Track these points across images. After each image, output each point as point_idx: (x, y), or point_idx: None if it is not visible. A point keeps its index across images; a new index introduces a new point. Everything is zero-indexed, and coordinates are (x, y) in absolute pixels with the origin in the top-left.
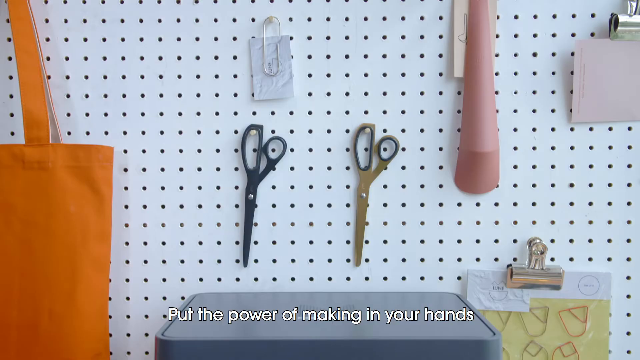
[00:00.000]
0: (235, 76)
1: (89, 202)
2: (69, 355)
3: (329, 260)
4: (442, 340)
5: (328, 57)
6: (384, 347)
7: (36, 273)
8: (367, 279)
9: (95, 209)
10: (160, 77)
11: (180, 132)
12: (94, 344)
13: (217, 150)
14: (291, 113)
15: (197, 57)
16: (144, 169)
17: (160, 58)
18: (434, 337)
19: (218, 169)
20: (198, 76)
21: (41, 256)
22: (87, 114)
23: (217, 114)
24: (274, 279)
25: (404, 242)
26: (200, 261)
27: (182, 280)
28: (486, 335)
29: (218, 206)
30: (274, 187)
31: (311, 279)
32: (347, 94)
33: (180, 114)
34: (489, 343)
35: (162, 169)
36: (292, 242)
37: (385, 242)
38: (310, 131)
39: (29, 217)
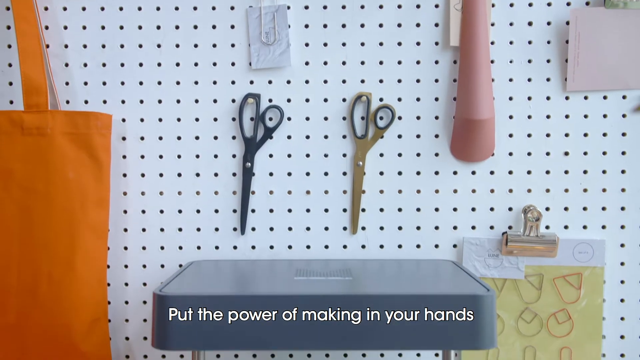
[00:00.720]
0: (232, 45)
1: (88, 168)
2: (68, 320)
3: (326, 228)
4: (437, 295)
5: (325, 26)
6: (379, 302)
7: (35, 238)
8: (363, 246)
9: (93, 175)
10: (159, 46)
11: (178, 101)
12: (92, 309)
13: (215, 119)
14: (288, 82)
15: (195, 27)
16: (142, 138)
17: (159, 27)
18: (428, 292)
19: (216, 138)
20: (196, 45)
21: (40, 222)
22: (85, 83)
23: (214, 82)
24: (271, 247)
25: (400, 210)
26: (198, 229)
27: (180, 248)
28: (480, 291)
29: (216, 174)
30: (271, 155)
31: (308, 246)
32: (343, 63)
33: (178, 83)
34: (484, 298)
35: (160, 138)
36: (289, 210)
37: (381, 210)
38: (307, 100)
39: (28, 183)
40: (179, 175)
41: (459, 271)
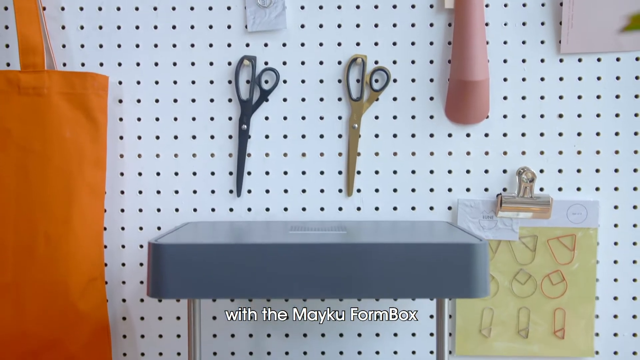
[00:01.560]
0: (228, 8)
1: (84, 128)
2: (65, 278)
3: (322, 191)
4: (431, 243)
5: None
6: (373, 250)
7: (32, 197)
8: (358, 209)
9: (90, 136)
10: (155, 9)
11: (175, 64)
12: (89, 268)
13: (211, 82)
14: (284, 45)
15: None
16: (138, 100)
17: None
18: (423, 241)
19: (212, 100)
20: (192, 8)
21: (37, 180)
22: (82, 46)
23: (210, 45)
24: (267, 209)
25: (395, 172)
26: (195, 191)
27: (177, 210)
28: (474, 241)
29: (212, 137)
30: (267, 118)
31: (304, 209)
32: (339, 25)
33: (174, 45)
34: (477, 246)
35: (157, 100)
36: (285, 173)
37: (376, 172)
38: (302, 63)
39: (25, 142)
40: (175, 137)
41: (453, 229)
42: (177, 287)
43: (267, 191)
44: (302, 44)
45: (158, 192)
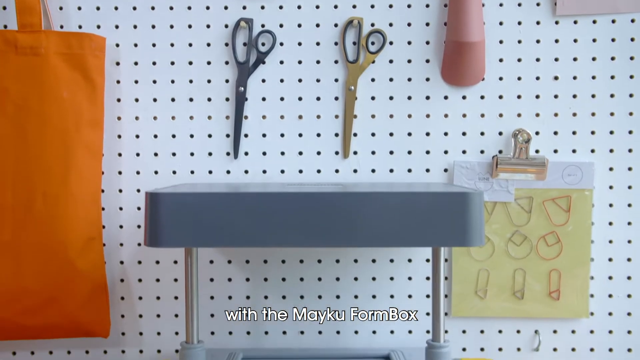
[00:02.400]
0: None
1: (82, 89)
2: (63, 237)
3: (318, 153)
4: (428, 192)
5: None
6: (370, 199)
7: (30, 156)
8: (355, 171)
9: (87, 96)
10: None
11: (172, 26)
12: (87, 228)
13: (208, 44)
14: (280, 7)
15: None
16: (135, 63)
17: None
18: (420, 190)
19: (209, 63)
20: None
21: (35, 140)
22: (79, 8)
23: (207, 8)
24: (264, 171)
25: (391, 134)
26: (192, 154)
27: (174, 172)
28: (469, 190)
29: (209, 99)
30: (263, 80)
31: (300, 171)
32: None
33: (171, 8)
34: (472, 195)
35: (154, 63)
36: (282, 135)
37: (373, 134)
38: (299, 25)
39: (22, 102)
40: (173, 100)
41: (449, 186)
42: (174, 235)
43: (264, 153)
44: (299, 7)
45: (155, 154)
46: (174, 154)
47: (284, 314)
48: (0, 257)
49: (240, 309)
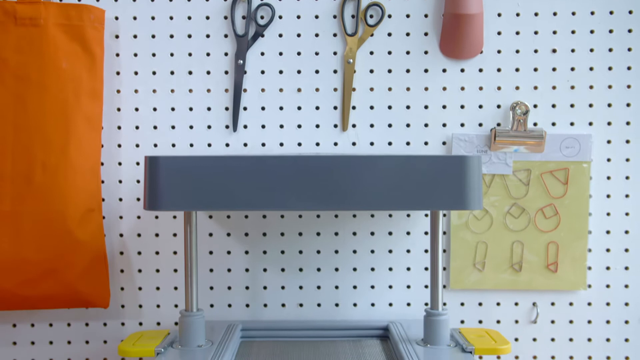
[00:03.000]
0: None
1: (81, 60)
2: (62, 208)
3: (317, 126)
4: (426, 156)
5: None
6: (369, 163)
7: (29, 126)
8: (354, 144)
9: (86, 67)
10: None
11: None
12: (87, 199)
13: (207, 17)
14: None
15: None
16: (135, 36)
17: None
18: (418, 154)
19: (208, 36)
20: None
21: (34, 110)
22: None
23: None
24: (263, 144)
25: (390, 107)
26: (191, 127)
27: (173, 145)
28: (467, 154)
29: (208, 72)
30: (262, 53)
31: (299, 144)
32: None
33: None
34: (471, 159)
35: (153, 36)
36: (281, 108)
37: (371, 107)
38: None
39: (22, 72)
40: (172, 73)
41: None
42: (173, 199)
43: (263, 126)
44: None
45: (155, 127)
46: (173, 127)
47: (283, 286)
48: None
49: (239, 281)
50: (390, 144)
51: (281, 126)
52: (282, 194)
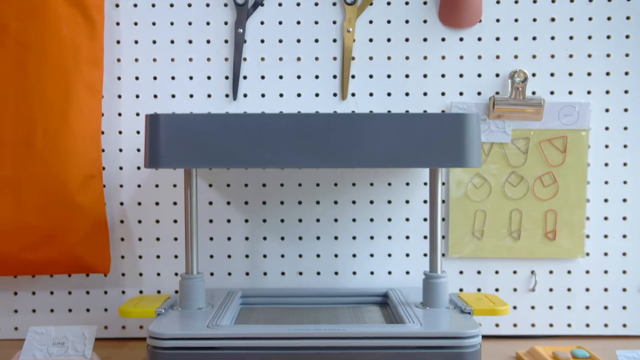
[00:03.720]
0: None
1: (81, 27)
2: (63, 172)
3: (316, 95)
4: (426, 114)
5: None
6: (370, 120)
7: (30, 92)
8: (353, 112)
9: (87, 34)
10: None
11: None
12: (87, 165)
13: None
14: None
15: None
16: (135, 5)
17: None
18: (417, 112)
19: (207, 5)
20: None
21: (35, 76)
22: None
23: None
24: (263, 113)
25: (389, 76)
26: (191, 96)
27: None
28: (466, 112)
29: (208, 41)
30: (262, 22)
31: (299, 112)
32: None
33: None
34: (469, 116)
35: (153, 5)
36: (280, 77)
37: (371, 76)
38: None
39: (22, 38)
40: (172, 42)
41: None
42: (173, 156)
43: (263, 95)
44: None
45: (155, 96)
46: (173, 96)
47: (282, 255)
48: (1, 192)
49: (239, 250)
50: (389, 112)
51: (281, 95)
52: (282, 151)
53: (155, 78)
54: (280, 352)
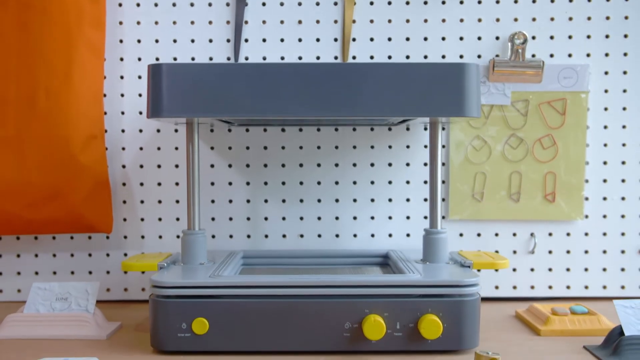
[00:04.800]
0: None
1: None
2: (66, 132)
3: (317, 58)
4: (426, 63)
5: None
6: (370, 70)
7: (33, 51)
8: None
9: None
10: None
11: None
12: (89, 125)
13: None
14: None
15: None
16: None
17: None
18: (418, 62)
19: None
20: None
21: (37, 36)
22: None
23: None
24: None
25: (389, 39)
26: (193, 59)
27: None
28: (465, 62)
29: (209, 4)
30: None
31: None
32: None
33: None
34: (468, 65)
35: None
36: (282, 40)
37: (371, 39)
38: None
39: None
40: (174, 5)
41: None
42: (175, 105)
43: (264, 58)
44: None
45: (157, 59)
46: (175, 59)
47: (283, 217)
48: (4, 151)
49: (240, 212)
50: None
51: (282, 58)
52: (283, 100)
53: (157, 41)
54: (282, 300)
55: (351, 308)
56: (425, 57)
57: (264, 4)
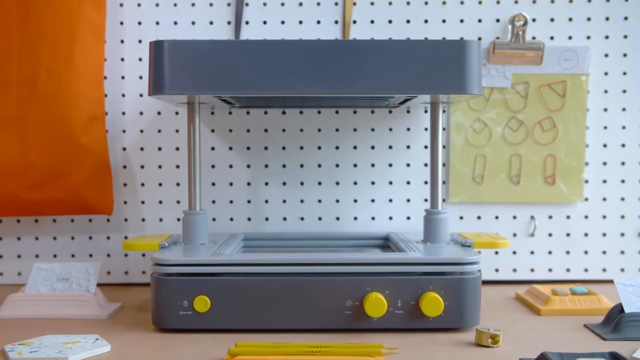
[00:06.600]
0: None
1: None
2: (67, 112)
3: None
4: (427, 40)
5: None
6: (371, 47)
7: (34, 31)
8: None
9: None
10: None
11: None
12: (91, 106)
13: None
14: None
15: None
16: None
17: None
18: (420, 39)
19: None
20: None
21: (38, 15)
22: None
23: None
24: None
25: (390, 22)
26: None
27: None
28: (467, 39)
29: None
30: None
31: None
32: None
33: None
34: (470, 42)
35: None
36: (282, 22)
37: (372, 22)
38: None
39: None
40: None
41: None
42: (177, 82)
43: None
44: None
45: None
46: None
47: (284, 200)
48: (5, 131)
49: (241, 195)
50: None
51: None
52: (284, 77)
53: (157, 23)
54: (284, 278)
55: (352, 286)
56: (426, 39)
57: None
